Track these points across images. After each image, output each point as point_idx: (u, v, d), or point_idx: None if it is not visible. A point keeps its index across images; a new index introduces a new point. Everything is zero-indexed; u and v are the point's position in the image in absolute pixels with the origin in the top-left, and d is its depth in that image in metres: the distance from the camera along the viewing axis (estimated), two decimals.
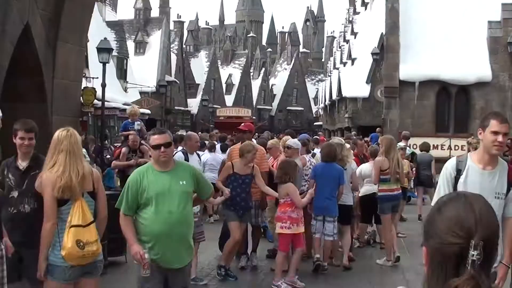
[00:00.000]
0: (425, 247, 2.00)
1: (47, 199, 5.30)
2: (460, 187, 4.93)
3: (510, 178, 4.91)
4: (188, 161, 10.16)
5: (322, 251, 10.03)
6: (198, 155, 11.54)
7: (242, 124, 11.07)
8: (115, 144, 20.33)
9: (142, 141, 13.86)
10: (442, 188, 5.06)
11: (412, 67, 27.74)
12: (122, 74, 45.46)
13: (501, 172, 4.92)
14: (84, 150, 15.09)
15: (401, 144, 16.78)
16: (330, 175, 9.77)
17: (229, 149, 12.11)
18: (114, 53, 38.16)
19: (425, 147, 16.67)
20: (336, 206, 9.87)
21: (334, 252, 10.44)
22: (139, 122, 14.30)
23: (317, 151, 13.02)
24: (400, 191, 11.07)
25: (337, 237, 10.11)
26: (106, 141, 19.98)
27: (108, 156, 18.65)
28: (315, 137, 21.92)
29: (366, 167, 11.79)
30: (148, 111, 40.63)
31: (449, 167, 5.07)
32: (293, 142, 10.92)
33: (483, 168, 4.92)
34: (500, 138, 4.78)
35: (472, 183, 4.89)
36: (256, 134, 23.09)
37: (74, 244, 5.25)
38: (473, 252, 1.81)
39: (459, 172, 4.98)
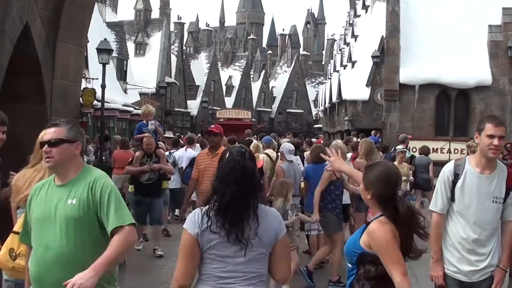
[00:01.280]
0: (370, 193, 3.87)
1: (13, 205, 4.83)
2: (457, 191, 4.91)
3: (510, 182, 4.86)
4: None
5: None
6: None
7: (213, 125, 10.21)
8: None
9: (161, 143, 13.26)
10: (439, 192, 5.05)
11: (412, 70, 27.72)
12: (122, 75, 45.45)
13: (500, 176, 4.87)
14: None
15: (400, 147, 16.77)
16: (320, 175, 9.65)
17: (197, 154, 11.01)
18: (114, 54, 38.17)
19: (424, 151, 16.65)
20: None
21: (320, 246, 10.39)
22: (153, 122, 12.70)
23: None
24: None
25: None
26: (108, 142, 19.71)
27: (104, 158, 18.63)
28: (306, 139, 22.07)
29: None
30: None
31: (447, 171, 5.04)
32: (285, 147, 11.20)
33: (481, 172, 4.89)
34: (495, 141, 4.75)
35: (470, 187, 4.88)
36: (254, 136, 23.01)
37: (7, 252, 4.57)
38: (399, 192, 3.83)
39: (456, 176, 4.94)
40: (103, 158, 18.53)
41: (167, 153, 13.88)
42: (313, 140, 23.57)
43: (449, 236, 4.99)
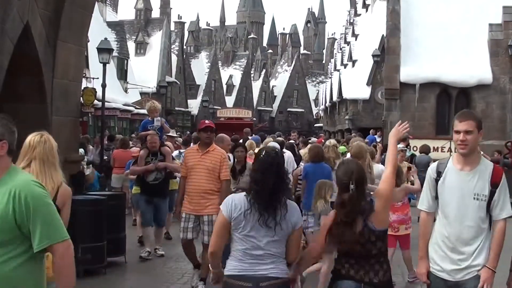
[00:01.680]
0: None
1: None
2: (439, 189, 4.90)
3: (494, 179, 4.79)
4: None
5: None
6: (229, 158, 10.43)
7: (207, 121, 9.35)
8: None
9: (167, 142, 12.58)
10: (424, 191, 5.07)
11: (412, 69, 27.72)
12: (122, 74, 45.45)
13: (482, 173, 4.79)
14: (81, 150, 15.01)
15: (400, 146, 16.75)
16: (320, 174, 9.99)
17: (185, 151, 10.66)
18: (115, 53, 38.21)
19: (424, 149, 16.66)
20: None
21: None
22: (158, 118, 11.93)
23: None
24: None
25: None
26: (112, 142, 19.62)
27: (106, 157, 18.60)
28: (301, 138, 22.16)
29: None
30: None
31: (430, 170, 5.06)
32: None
33: (461, 169, 4.85)
34: (461, 136, 4.74)
35: (450, 184, 4.86)
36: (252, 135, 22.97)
37: None
38: (351, 186, 4.44)
39: (439, 174, 4.93)
40: (105, 158, 18.51)
41: (176, 152, 13.73)
42: (314, 139, 23.62)
43: (434, 234, 4.97)
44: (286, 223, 4.42)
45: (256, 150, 13.00)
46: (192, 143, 15.68)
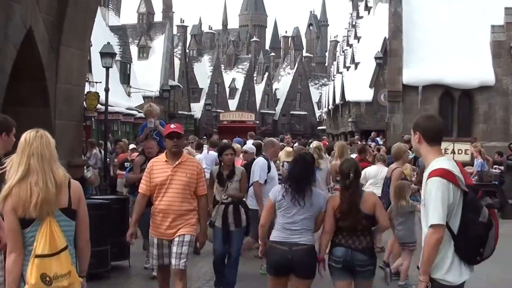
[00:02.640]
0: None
1: (10, 221, 4.12)
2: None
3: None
4: (270, 168, 10.03)
5: None
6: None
7: (173, 125, 7.47)
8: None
9: (188, 148, 11.91)
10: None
11: (415, 71, 27.73)
12: (125, 78, 45.47)
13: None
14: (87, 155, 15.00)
15: None
16: None
17: (150, 162, 7.75)
18: (117, 57, 38.19)
19: None
20: None
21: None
22: (152, 120, 10.94)
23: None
24: None
25: None
26: (115, 145, 19.57)
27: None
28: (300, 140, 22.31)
29: (371, 170, 12.16)
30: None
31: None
32: (249, 147, 12.38)
33: None
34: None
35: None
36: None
37: (38, 279, 4.04)
38: (351, 174, 6.09)
39: None
40: (108, 160, 18.53)
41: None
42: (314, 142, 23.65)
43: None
44: (312, 204, 6.19)
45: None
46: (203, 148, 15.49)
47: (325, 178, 11.69)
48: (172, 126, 7.28)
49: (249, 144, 12.23)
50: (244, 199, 9.42)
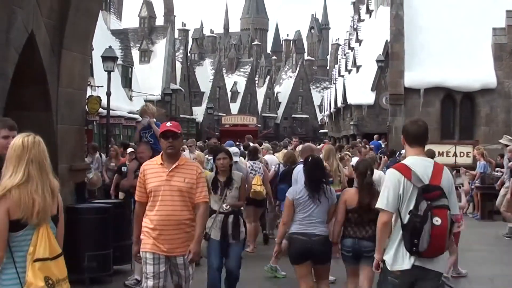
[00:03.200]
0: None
1: (3, 222, 4.03)
2: None
3: None
4: None
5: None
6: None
7: (169, 123, 6.49)
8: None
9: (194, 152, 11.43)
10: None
11: (417, 74, 27.71)
12: (127, 82, 45.51)
13: None
14: (87, 159, 14.94)
15: (403, 151, 16.74)
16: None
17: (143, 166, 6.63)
18: (119, 61, 38.21)
19: (429, 154, 16.59)
20: None
21: None
22: (147, 117, 10.27)
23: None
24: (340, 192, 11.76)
25: None
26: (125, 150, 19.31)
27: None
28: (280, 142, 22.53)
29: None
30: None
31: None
32: (233, 152, 13.03)
33: None
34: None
35: None
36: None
37: (43, 281, 4.04)
38: (368, 172, 7.26)
39: None
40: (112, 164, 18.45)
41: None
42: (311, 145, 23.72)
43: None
44: (327, 200, 7.24)
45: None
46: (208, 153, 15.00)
47: None
48: (168, 124, 6.41)
49: (232, 148, 12.17)
50: (242, 208, 8.78)
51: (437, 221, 4.83)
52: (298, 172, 9.42)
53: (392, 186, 5.06)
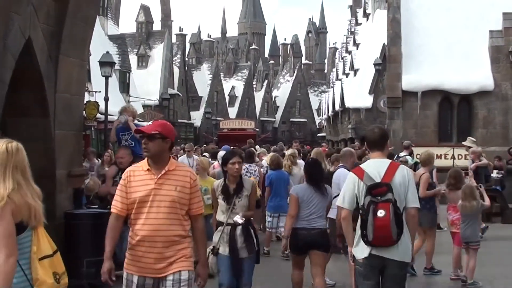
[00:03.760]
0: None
1: (11, 226, 4.00)
2: None
3: None
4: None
5: (270, 245, 12.71)
6: None
7: (150, 123, 6.22)
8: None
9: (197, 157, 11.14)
10: None
11: (414, 77, 27.72)
12: (124, 87, 45.55)
13: None
14: (85, 164, 14.90)
15: (404, 154, 16.80)
16: (281, 180, 12.64)
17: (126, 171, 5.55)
18: (117, 66, 38.28)
19: (389, 156, 16.65)
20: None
21: None
22: (124, 115, 9.76)
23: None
24: None
25: None
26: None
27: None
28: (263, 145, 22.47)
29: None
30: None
31: None
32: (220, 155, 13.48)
33: None
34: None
35: None
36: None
37: (52, 277, 4.16)
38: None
39: None
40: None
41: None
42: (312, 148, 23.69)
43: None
44: (325, 196, 8.13)
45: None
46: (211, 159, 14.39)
47: (297, 183, 12.27)
48: (145, 124, 5.10)
49: (221, 153, 12.25)
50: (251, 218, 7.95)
51: (381, 213, 5.42)
52: (340, 176, 9.20)
53: (349, 187, 5.78)
